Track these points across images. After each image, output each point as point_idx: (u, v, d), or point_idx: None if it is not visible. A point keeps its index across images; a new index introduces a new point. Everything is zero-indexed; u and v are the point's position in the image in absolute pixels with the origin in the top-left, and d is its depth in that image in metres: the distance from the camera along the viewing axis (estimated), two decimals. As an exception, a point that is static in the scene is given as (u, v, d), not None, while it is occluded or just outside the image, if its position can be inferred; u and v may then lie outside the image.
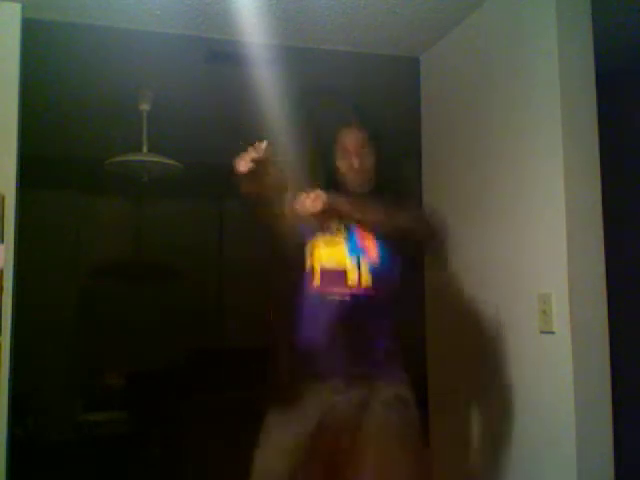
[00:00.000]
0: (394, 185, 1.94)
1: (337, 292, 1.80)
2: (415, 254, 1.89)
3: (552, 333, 1.91)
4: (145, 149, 3.49)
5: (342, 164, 1.88)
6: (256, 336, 4.60)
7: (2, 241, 2.14)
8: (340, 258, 1.82)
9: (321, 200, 1.59)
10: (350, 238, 1.84)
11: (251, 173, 1.52)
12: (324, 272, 1.83)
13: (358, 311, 1.80)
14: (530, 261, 2.03)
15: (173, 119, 3.68)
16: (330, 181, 1.85)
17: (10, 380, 2.13)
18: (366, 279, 1.80)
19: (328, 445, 1.74)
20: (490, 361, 2.21)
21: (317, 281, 1.83)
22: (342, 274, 1.81)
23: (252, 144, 1.52)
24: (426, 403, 2.58)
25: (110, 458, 4.19)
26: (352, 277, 1.80)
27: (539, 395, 1.97)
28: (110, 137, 3.90)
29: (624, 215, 2.49)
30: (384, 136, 1.95)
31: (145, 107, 3.40)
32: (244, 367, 4.46)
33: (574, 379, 1.83)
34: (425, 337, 2.63)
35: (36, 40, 2.41)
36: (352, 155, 1.86)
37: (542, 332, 1.95)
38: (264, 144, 1.52)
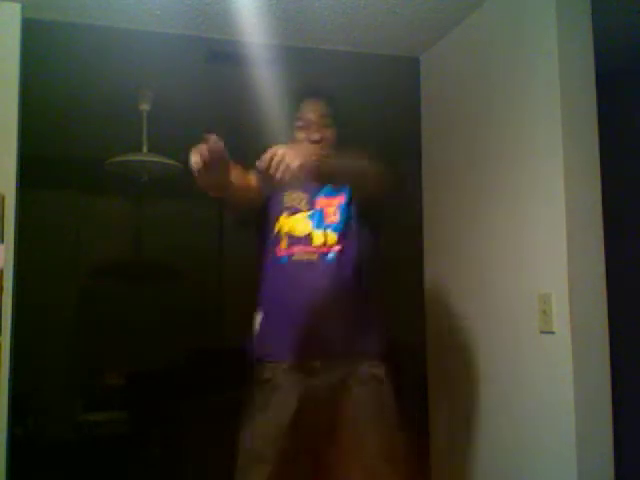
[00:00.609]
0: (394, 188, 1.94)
1: (305, 251, 1.81)
2: (374, 204, 1.87)
3: (552, 333, 1.91)
4: (145, 149, 3.49)
5: (301, 136, 1.89)
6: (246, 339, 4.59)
7: (2, 241, 2.14)
8: (304, 225, 1.84)
9: (292, 164, 1.53)
10: (310, 205, 1.87)
11: (204, 169, 1.53)
12: (290, 236, 1.84)
13: (327, 272, 1.80)
14: (530, 261, 2.03)
15: (173, 119, 3.68)
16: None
17: (10, 380, 2.13)
18: (331, 239, 1.81)
19: (309, 426, 1.75)
20: (490, 361, 2.21)
21: (283, 244, 1.84)
22: (307, 237, 1.82)
23: (204, 139, 1.53)
24: (426, 403, 2.58)
25: (110, 458, 4.19)
26: (317, 238, 1.82)
27: (539, 395, 1.97)
28: (110, 137, 3.90)
29: (624, 215, 2.49)
30: (341, 106, 1.96)
31: (145, 107, 3.40)
32: (244, 367, 4.46)
33: (574, 379, 1.83)
34: (425, 338, 2.63)
35: (36, 40, 2.41)
36: (310, 127, 1.88)
37: (542, 332, 1.95)
38: (212, 140, 1.53)
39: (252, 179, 1.88)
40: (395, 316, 2.11)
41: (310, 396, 1.77)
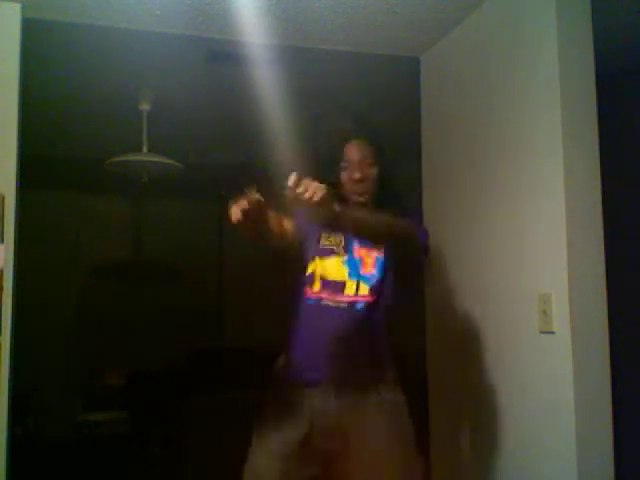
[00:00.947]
0: (394, 188, 1.94)
1: (335, 299, 1.82)
2: (409, 263, 1.90)
3: (552, 333, 1.91)
4: (145, 149, 3.49)
5: (344, 176, 1.89)
6: (256, 336, 4.61)
7: (2, 241, 2.14)
8: (338, 270, 1.85)
9: (321, 190, 1.54)
10: (348, 251, 1.87)
11: (245, 220, 1.54)
12: (323, 279, 1.85)
13: (354, 319, 1.81)
14: (530, 261, 2.03)
15: (173, 119, 3.68)
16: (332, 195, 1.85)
17: (10, 380, 2.13)
18: (364, 290, 1.83)
19: (320, 450, 1.75)
20: (490, 361, 2.21)
21: (316, 287, 1.85)
22: (340, 284, 1.84)
23: (244, 193, 1.54)
24: (426, 403, 2.58)
25: (110, 458, 4.19)
26: (350, 287, 1.83)
27: (539, 395, 1.97)
28: (110, 137, 3.90)
29: (624, 215, 2.49)
30: (386, 148, 1.97)
31: (145, 107, 3.40)
32: (244, 367, 4.46)
33: (574, 379, 1.83)
34: (425, 338, 2.63)
35: (36, 40, 2.41)
36: (355, 167, 1.87)
37: (542, 332, 1.95)
38: (254, 194, 1.54)
39: (287, 224, 1.87)
40: (395, 316, 2.11)
41: (322, 418, 1.76)
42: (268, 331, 2.74)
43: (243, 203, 1.53)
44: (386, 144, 1.97)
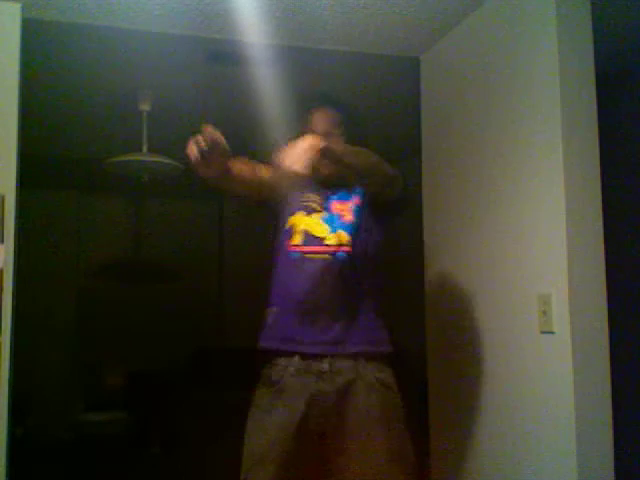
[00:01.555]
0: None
1: (317, 251, 1.83)
2: (389, 206, 1.90)
3: (552, 333, 1.91)
4: (145, 149, 3.49)
5: None
6: (256, 336, 4.60)
7: (2, 241, 2.14)
8: (319, 227, 1.86)
9: (316, 143, 1.60)
10: (325, 208, 1.89)
11: (204, 158, 1.60)
12: (306, 233, 1.86)
13: (339, 271, 1.82)
14: (530, 261, 2.03)
15: (173, 119, 3.68)
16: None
17: (10, 380, 2.13)
18: (343, 238, 1.83)
19: (314, 430, 1.76)
20: (490, 361, 2.21)
21: (297, 240, 1.86)
22: (321, 239, 1.84)
23: (203, 133, 1.59)
24: (426, 403, 2.58)
25: (110, 458, 4.19)
26: (330, 239, 1.84)
27: (539, 395, 1.97)
28: (110, 137, 3.90)
29: (624, 215, 2.49)
30: (357, 112, 1.99)
31: (145, 107, 3.40)
32: (244, 367, 4.46)
33: (574, 379, 1.83)
34: (425, 338, 2.63)
35: (36, 40, 2.41)
36: (320, 137, 1.87)
37: (542, 332, 1.95)
38: (208, 130, 1.59)
39: (264, 173, 1.89)
40: (395, 316, 2.11)
41: (317, 400, 1.77)
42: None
43: (199, 138, 1.57)
44: (357, 108, 2.00)
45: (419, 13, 2.35)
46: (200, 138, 1.58)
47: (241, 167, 1.82)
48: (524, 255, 2.06)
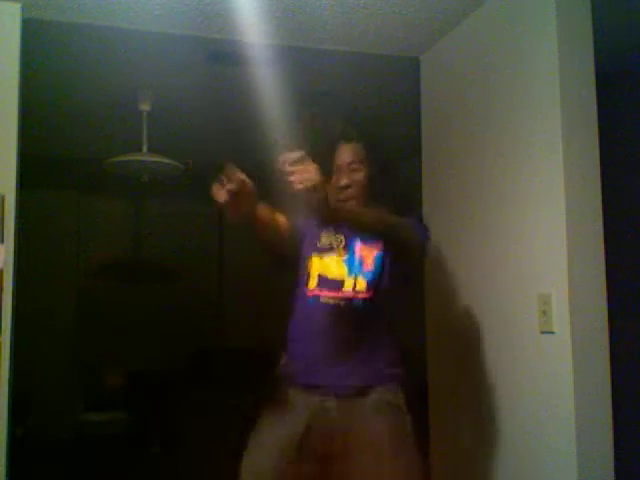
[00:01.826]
0: (392, 189, 1.93)
1: (332, 296, 1.81)
2: (410, 260, 1.89)
3: (552, 333, 1.91)
4: (145, 149, 3.49)
5: (332, 181, 1.86)
6: (256, 336, 4.61)
7: (2, 241, 2.14)
8: (338, 268, 1.84)
9: (309, 181, 1.49)
10: (349, 250, 1.86)
11: (232, 201, 1.48)
12: (320, 277, 1.84)
13: (353, 317, 1.80)
14: (530, 261, 2.03)
15: (173, 119, 3.68)
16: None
17: (10, 380, 2.13)
18: (361, 285, 1.81)
19: (317, 450, 1.73)
20: (490, 361, 2.21)
21: (312, 285, 1.84)
22: (339, 282, 1.82)
23: (227, 173, 1.48)
24: (426, 403, 2.58)
25: (110, 458, 4.19)
26: (348, 284, 1.81)
27: (539, 395, 1.97)
28: (110, 137, 3.90)
29: (624, 215, 2.49)
30: (382, 145, 1.95)
31: (145, 107, 3.40)
32: (244, 367, 4.46)
33: (574, 379, 1.83)
34: (425, 338, 2.63)
35: (36, 40, 2.41)
36: (341, 173, 1.85)
37: (542, 332, 1.95)
38: (238, 174, 1.48)
39: (281, 218, 1.85)
40: (395, 316, 2.11)
41: (322, 417, 1.75)
42: (268, 331, 2.74)
43: (229, 183, 1.46)
44: (381, 141, 1.96)
45: (419, 13, 2.35)
46: (225, 178, 1.47)
47: (263, 212, 1.74)
48: (524, 255, 2.06)
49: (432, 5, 2.29)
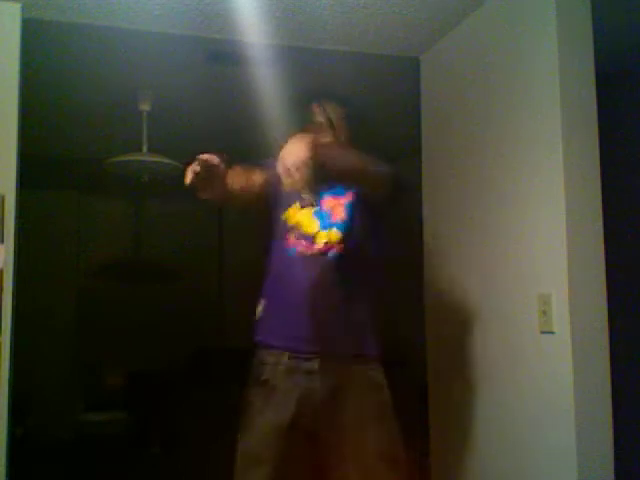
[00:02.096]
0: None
1: (309, 248, 1.84)
2: (380, 202, 1.90)
3: (552, 333, 1.91)
4: (145, 149, 3.49)
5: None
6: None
7: (2, 241, 2.14)
8: (310, 222, 1.87)
9: (307, 144, 1.63)
10: (318, 202, 1.89)
11: (200, 182, 1.67)
12: (297, 231, 1.87)
13: (329, 268, 1.82)
14: (530, 261, 2.03)
15: (173, 119, 3.68)
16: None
17: (10, 380, 2.13)
18: (335, 237, 1.84)
19: (306, 430, 1.77)
20: (490, 361, 2.21)
21: (292, 237, 1.87)
22: (313, 236, 1.85)
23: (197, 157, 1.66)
24: (426, 403, 2.58)
25: (110, 458, 4.19)
26: (321, 236, 1.84)
27: (539, 395, 1.97)
28: (110, 137, 3.90)
29: (624, 215, 2.49)
30: (359, 111, 2.01)
31: (145, 107, 3.40)
32: (244, 367, 4.46)
33: (574, 379, 1.83)
34: (425, 337, 2.63)
35: (36, 40, 2.41)
36: (320, 130, 1.90)
37: (542, 332, 1.95)
38: (204, 157, 1.66)
39: (256, 176, 1.92)
40: (395, 316, 2.11)
41: (308, 399, 1.78)
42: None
43: (194, 165, 1.63)
44: (358, 106, 2.03)
45: (419, 13, 2.35)
46: (195, 164, 1.65)
47: (236, 179, 1.84)
48: (524, 255, 2.06)
49: (432, 5, 2.29)
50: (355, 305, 1.85)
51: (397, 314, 1.97)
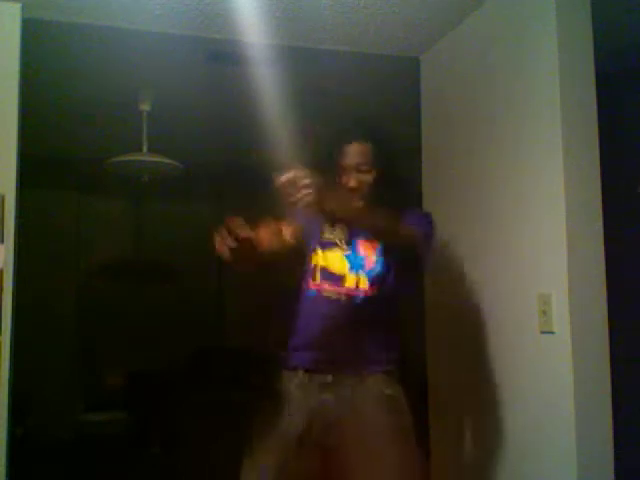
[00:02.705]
0: (394, 187, 1.93)
1: (334, 290, 1.83)
2: (413, 259, 1.88)
3: (552, 333, 1.91)
4: (145, 149, 3.49)
5: (343, 180, 1.86)
6: (256, 336, 4.61)
7: (2, 241, 2.14)
8: (340, 263, 1.86)
9: (307, 197, 1.50)
10: (351, 246, 1.88)
11: (236, 256, 1.53)
12: (324, 271, 1.86)
13: (354, 311, 1.82)
14: (530, 261, 2.03)
15: (173, 119, 3.68)
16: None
17: (10, 380, 2.13)
18: (363, 283, 1.83)
19: (319, 445, 1.76)
20: (490, 361, 2.21)
21: (317, 278, 1.86)
22: (341, 277, 1.84)
23: (228, 227, 1.51)
24: (426, 403, 2.58)
25: (110, 458, 4.19)
26: (350, 280, 1.84)
27: (539, 395, 1.97)
28: (110, 137, 3.90)
29: (624, 215, 2.49)
30: (388, 144, 1.93)
31: (145, 107, 3.40)
32: (244, 367, 4.47)
33: (574, 379, 1.83)
34: (425, 337, 2.63)
35: (36, 40, 2.41)
36: (350, 174, 1.85)
37: (542, 332, 1.95)
38: (240, 227, 1.52)
39: (287, 230, 1.87)
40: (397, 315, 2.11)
41: (320, 411, 1.77)
42: (268, 331, 2.75)
43: (230, 241, 1.50)
44: (388, 140, 1.95)
45: (419, 13, 2.35)
46: (226, 234, 1.51)
47: (268, 243, 1.75)
48: (524, 255, 2.06)
49: (432, 5, 2.29)
50: (377, 340, 1.85)
51: (394, 319, 1.96)
